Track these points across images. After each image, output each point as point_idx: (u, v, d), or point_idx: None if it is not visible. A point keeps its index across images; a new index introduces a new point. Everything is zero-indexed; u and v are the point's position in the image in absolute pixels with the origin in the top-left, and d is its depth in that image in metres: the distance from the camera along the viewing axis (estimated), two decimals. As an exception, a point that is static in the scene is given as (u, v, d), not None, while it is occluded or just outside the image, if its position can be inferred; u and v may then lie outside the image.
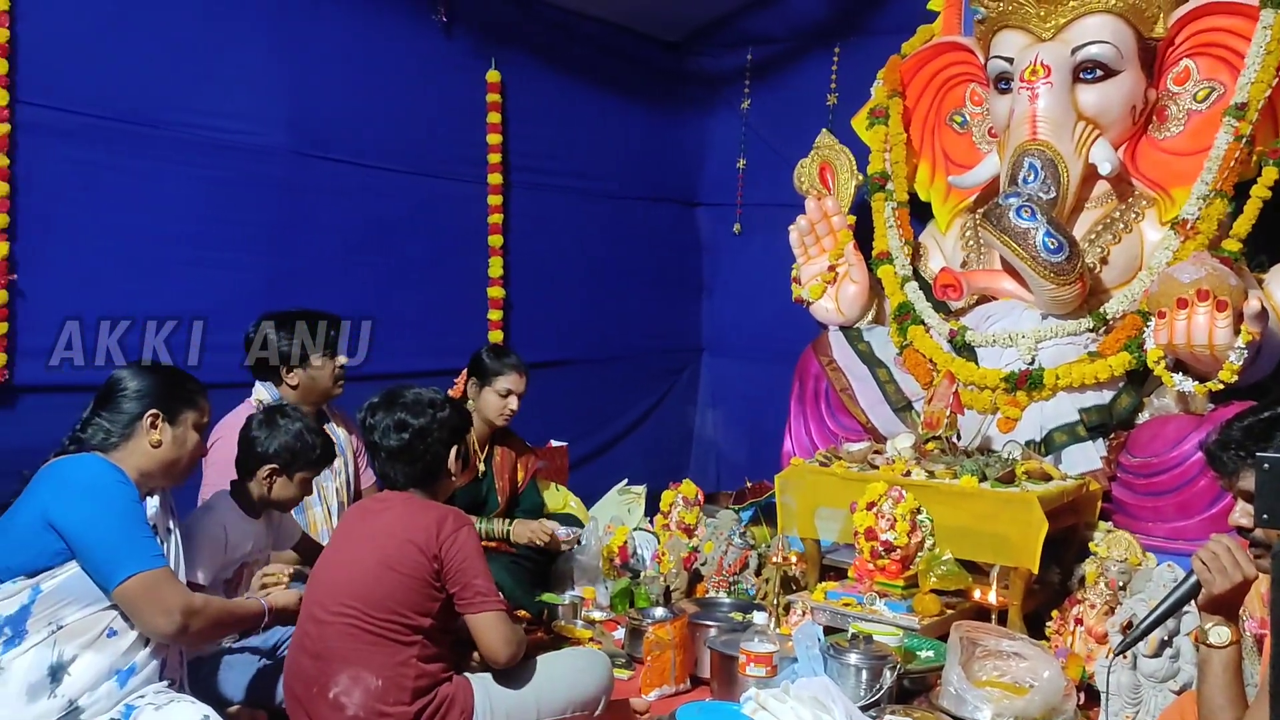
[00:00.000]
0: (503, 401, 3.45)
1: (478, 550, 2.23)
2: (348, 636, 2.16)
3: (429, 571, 2.17)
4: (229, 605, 2.16)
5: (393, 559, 2.17)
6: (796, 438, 4.09)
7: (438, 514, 2.24)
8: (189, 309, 3.41)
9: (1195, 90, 3.69)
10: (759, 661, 2.58)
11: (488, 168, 4.38)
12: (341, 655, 2.16)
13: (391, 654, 2.15)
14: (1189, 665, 2.56)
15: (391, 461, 2.31)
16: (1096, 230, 3.75)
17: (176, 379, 2.18)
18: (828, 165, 4.48)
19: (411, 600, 2.17)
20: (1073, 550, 3.26)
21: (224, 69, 3.50)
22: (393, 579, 2.16)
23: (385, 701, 2.13)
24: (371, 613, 2.15)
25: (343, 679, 2.14)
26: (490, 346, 3.62)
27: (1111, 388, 3.52)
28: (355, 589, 2.17)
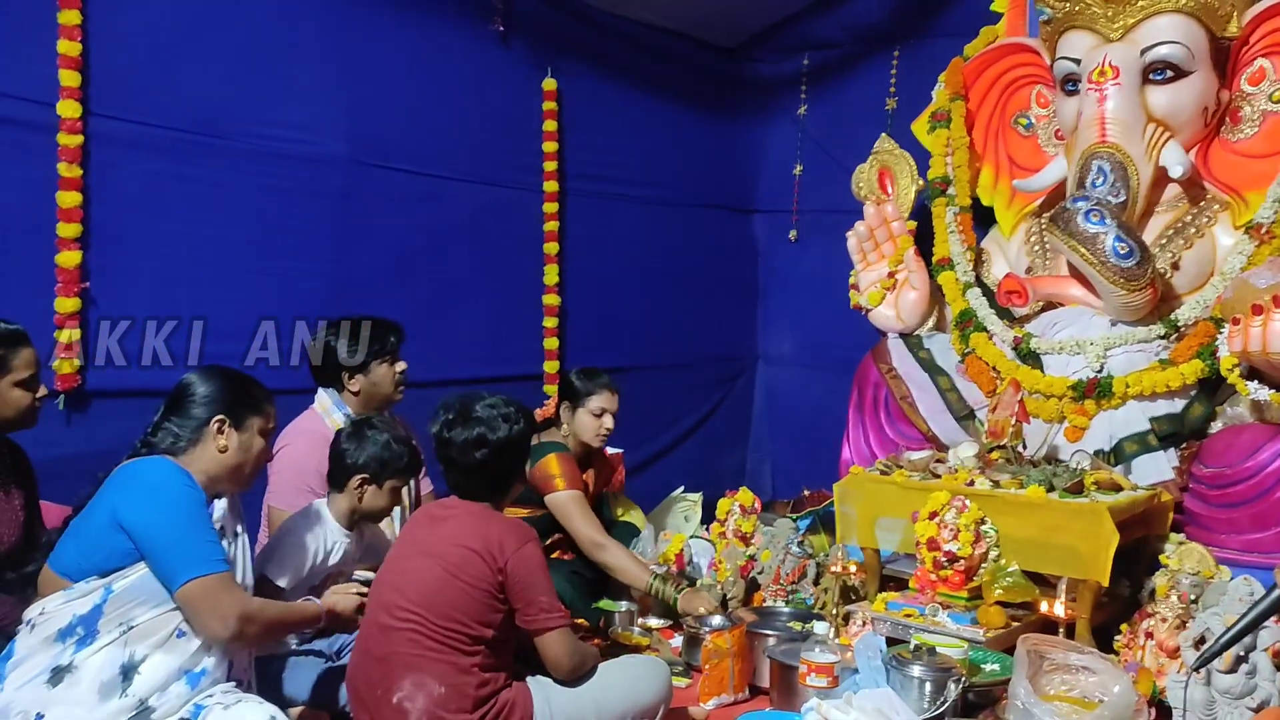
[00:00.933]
0: (598, 421, 3.45)
1: (542, 565, 2.25)
2: (411, 642, 2.18)
3: (493, 584, 2.19)
4: (285, 609, 2.20)
5: (457, 569, 2.19)
6: (855, 446, 4.03)
7: (503, 526, 2.26)
8: (252, 316, 3.47)
9: (1271, 90, 3.58)
10: (820, 672, 2.55)
11: (544, 175, 4.41)
12: (405, 661, 2.18)
13: (454, 661, 2.17)
14: (1266, 682, 2.47)
15: (467, 476, 2.33)
16: (1168, 235, 3.66)
17: (244, 385, 2.22)
18: (887, 170, 4.42)
19: (475, 610, 2.18)
20: (1143, 563, 3.17)
21: (286, 81, 3.56)
22: (457, 589, 2.18)
23: (447, 709, 2.14)
24: (436, 621, 2.17)
25: (406, 684, 2.16)
26: (579, 370, 3.60)
27: (1183, 396, 3.42)
28: (420, 596, 2.19)
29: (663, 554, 3.63)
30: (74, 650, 1.93)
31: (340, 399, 3.09)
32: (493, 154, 4.25)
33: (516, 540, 2.22)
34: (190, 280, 3.36)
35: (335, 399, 3.09)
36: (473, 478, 2.32)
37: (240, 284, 3.46)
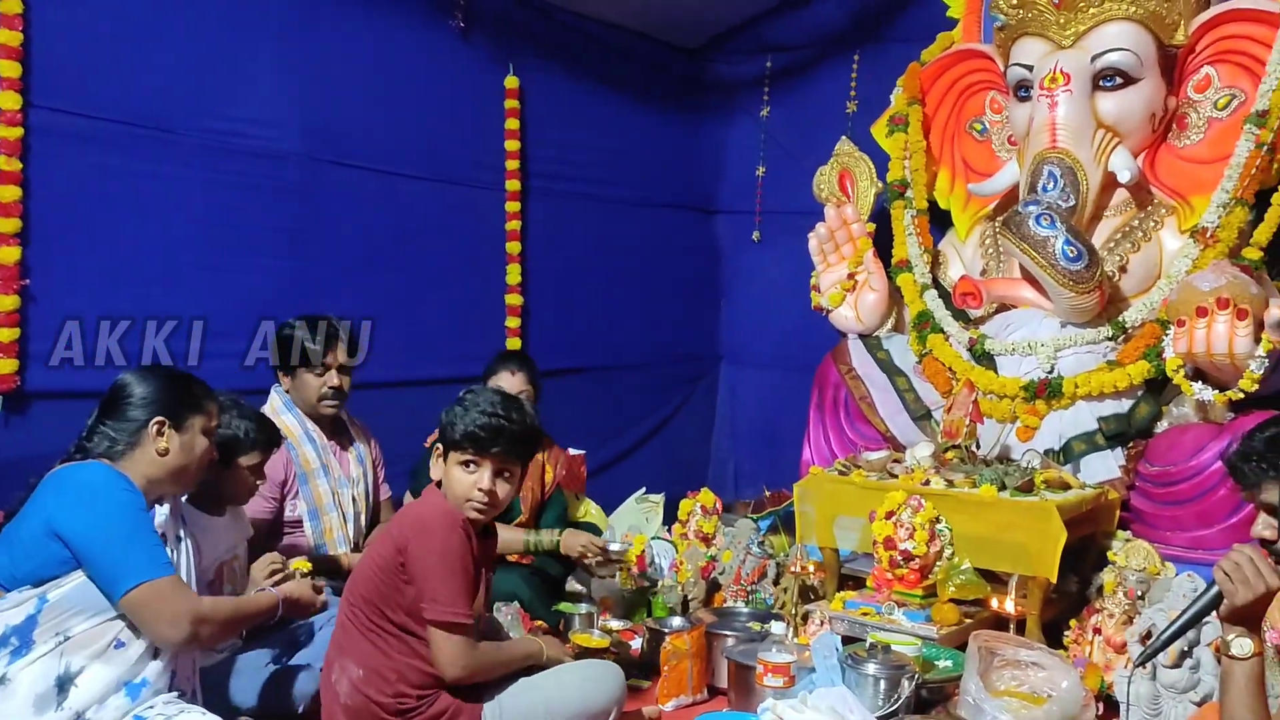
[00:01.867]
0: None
1: (445, 554, 2.16)
2: (342, 625, 2.25)
3: (395, 565, 2.18)
4: (240, 604, 2.15)
5: (374, 549, 2.25)
6: (815, 446, 4.08)
7: (422, 509, 2.26)
8: (201, 314, 3.42)
9: (1216, 98, 3.67)
10: (776, 672, 2.58)
11: (505, 174, 4.40)
12: (337, 642, 2.25)
13: (373, 648, 2.19)
14: (1209, 676, 2.54)
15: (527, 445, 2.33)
16: (1115, 238, 3.74)
17: (183, 384, 2.16)
18: (847, 173, 4.47)
19: (383, 592, 2.19)
20: (1091, 559, 3.24)
21: (237, 74, 3.52)
22: (369, 569, 2.22)
23: (368, 691, 2.17)
24: (356, 604, 2.22)
25: (335, 666, 2.22)
26: (500, 351, 3.63)
27: (1130, 396, 3.50)
28: (356, 580, 2.26)
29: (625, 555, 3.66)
30: (7, 661, 1.87)
31: (289, 398, 3.07)
32: (453, 151, 4.23)
33: (426, 523, 2.19)
34: (137, 278, 3.29)
35: (285, 399, 3.07)
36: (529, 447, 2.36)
37: (189, 282, 3.40)
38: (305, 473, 3.01)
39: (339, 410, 3.11)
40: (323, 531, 3.01)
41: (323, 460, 3.05)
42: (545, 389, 3.66)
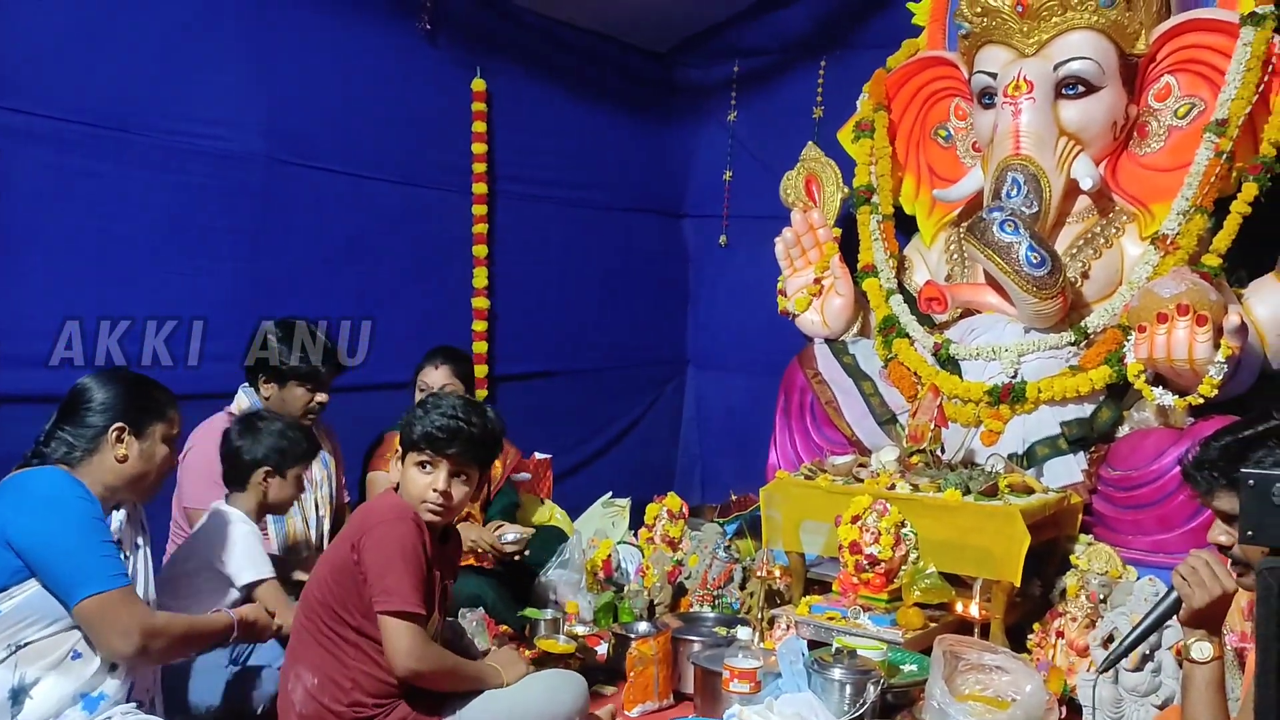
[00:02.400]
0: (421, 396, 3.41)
1: (400, 546, 2.14)
2: (297, 632, 2.21)
3: (350, 563, 2.15)
4: (194, 622, 2.13)
5: (332, 551, 2.21)
6: (782, 450, 4.09)
7: (375, 505, 2.25)
8: (164, 317, 3.37)
9: (1176, 106, 3.72)
10: (743, 677, 2.58)
11: (472, 177, 4.38)
12: (293, 652, 2.21)
13: (326, 654, 2.16)
14: (1170, 679, 2.57)
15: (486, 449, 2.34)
16: (1078, 245, 3.78)
17: (144, 389, 2.12)
18: (813, 178, 4.49)
19: (339, 596, 2.15)
20: (1054, 563, 3.27)
21: (200, 75, 3.47)
22: (323, 575, 2.19)
23: (323, 698, 2.13)
24: (312, 610, 2.18)
25: (290, 674, 2.18)
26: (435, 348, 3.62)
27: (1092, 401, 3.53)
28: (310, 585, 2.23)
29: (590, 559, 3.64)
30: None
31: (258, 403, 3.04)
32: (419, 154, 4.21)
33: (378, 517, 2.18)
34: (98, 280, 3.24)
35: (255, 401, 3.04)
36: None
37: (151, 285, 3.36)
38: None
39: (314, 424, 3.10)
40: (286, 535, 2.98)
41: None
42: (512, 393, 3.65)
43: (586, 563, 3.57)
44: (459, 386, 3.49)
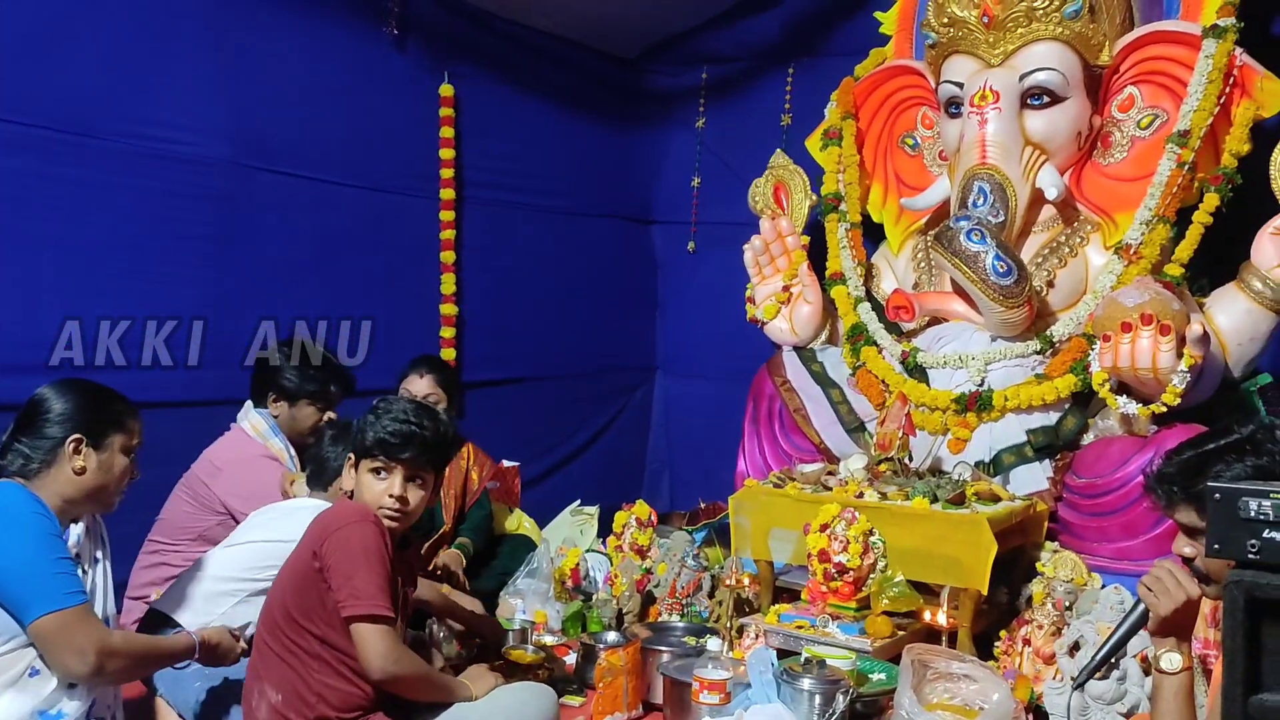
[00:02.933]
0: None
1: (364, 548, 2.10)
2: (259, 648, 2.16)
3: (312, 571, 2.10)
4: (153, 643, 2.10)
5: (292, 563, 2.16)
6: (750, 458, 4.09)
7: (335, 509, 2.21)
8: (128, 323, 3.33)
9: (1139, 117, 3.76)
10: (712, 689, 2.56)
11: (440, 183, 4.35)
12: (254, 667, 2.16)
13: (290, 669, 2.11)
14: (1136, 687, 2.59)
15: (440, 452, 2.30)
16: (1043, 254, 3.81)
17: (103, 399, 2.08)
18: (782, 185, 4.50)
19: (302, 607, 2.11)
20: (1020, 571, 3.29)
21: (163, 78, 3.43)
22: (287, 584, 2.14)
23: (289, 714, 2.09)
24: (273, 624, 2.13)
25: (254, 691, 2.14)
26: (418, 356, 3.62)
27: (1058, 409, 3.56)
28: (270, 601, 2.18)
29: (559, 568, 3.62)
30: None
31: (274, 423, 3.05)
32: (386, 159, 4.18)
33: (339, 522, 2.13)
34: (59, 286, 3.20)
35: (271, 423, 3.05)
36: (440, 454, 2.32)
37: (113, 290, 3.32)
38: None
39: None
40: None
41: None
42: (480, 400, 3.64)
43: (554, 571, 3.55)
44: (442, 396, 3.48)
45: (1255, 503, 1.44)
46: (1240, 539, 1.45)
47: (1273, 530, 1.42)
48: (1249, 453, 1.76)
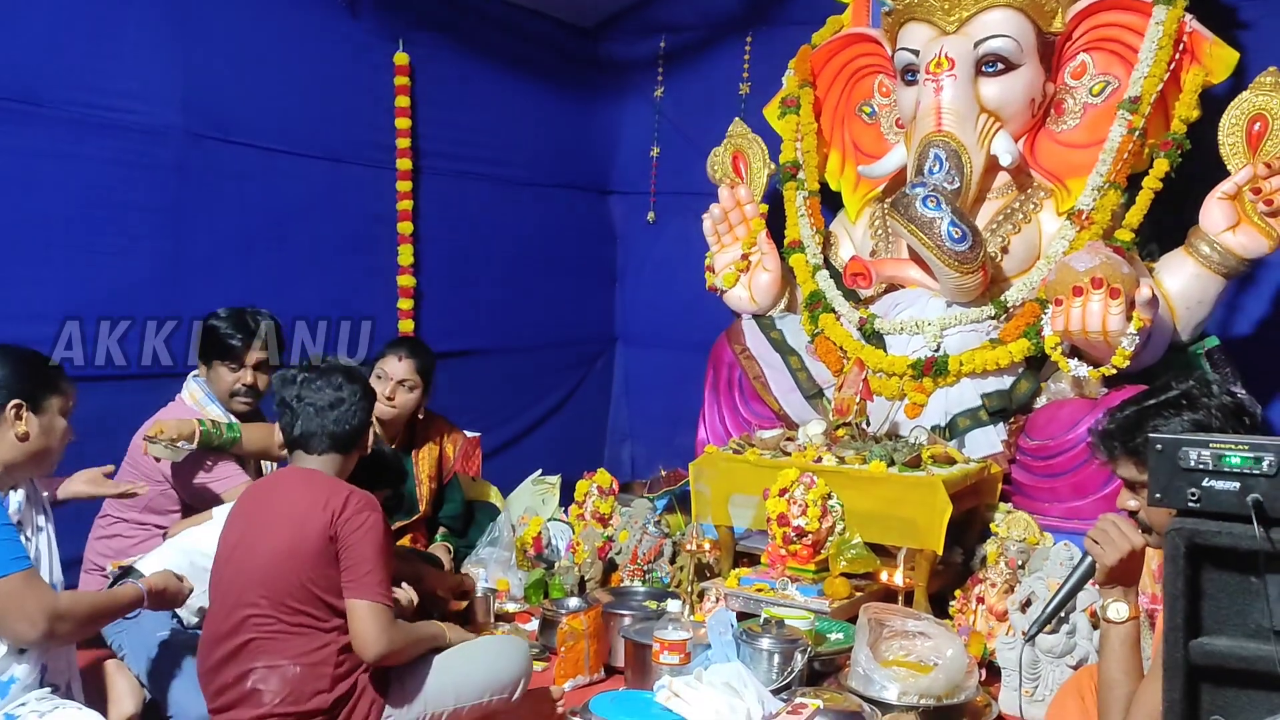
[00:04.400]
0: (379, 386, 3.36)
1: (378, 537, 2.16)
2: (261, 625, 2.12)
3: (326, 541, 2.11)
4: (100, 599, 2.08)
5: (299, 542, 2.12)
6: (711, 426, 4.11)
7: (342, 491, 2.18)
8: (77, 299, 3.27)
9: (1091, 84, 3.81)
10: (672, 649, 2.60)
11: (396, 153, 4.30)
12: (257, 645, 2.12)
13: (309, 641, 2.11)
14: (1084, 641, 2.66)
15: (319, 417, 2.25)
16: (997, 220, 3.85)
17: (36, 364, 2.09)
18: (740, 154, 4.50)
19: (323, 577, 2.11)
20: (975, 531, 3.35)
21: (112, 45, 3.36)
22: (301, 563, 2.11)
23: (304, 689, 2.09)
24: (285, 601, 2.11)
25: (260, 668, 2.10)
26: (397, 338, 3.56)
27: (1011, 373, 3.62)
28: (265, 578, 2.12)
29: (520, 537, 3.63)
30: None
31: (210, 390, 2.98)
32: (341, 129, 4.12)
33: (356, 504, 2.15)
34: (6, 260, 3.13)
35: (207, 391, 2.98)
36: (325, 421, 2.25)
37: (62, 263, 3.25)
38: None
39: (251, 407, 3.02)
40: None
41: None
42: (439, 371, 3.61)
43: (516, 540, 3.57)
44: (419, 383, 3.45)
45: (1195, 453, 1.48)
46: (1181, 488, 1.49)
47: (1212, 479, 1.47)
48: (1185, 408, 1.80)
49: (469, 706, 2.27)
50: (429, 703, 2.22)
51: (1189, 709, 1.46)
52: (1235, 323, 3.87)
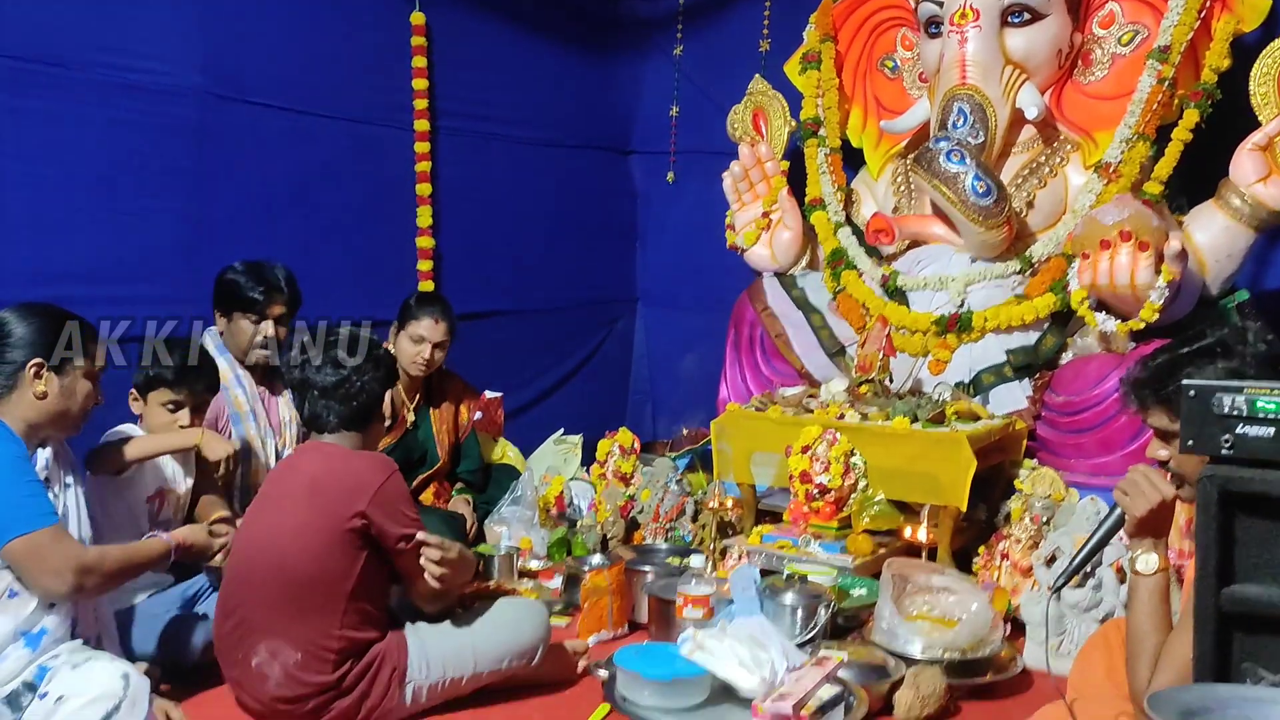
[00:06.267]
0: (415, 349, 3.41)
1: (406, 496, 2.19)
2: (265, 603, 2.11)
3: (352, 529, 2.10)
4: (128, 552, 2.08)
5: (311, 517, 2.11)
6: (732, 384, 4.10)
7: (361, 465, 2.18)
8: (102, 259, 3.28)
9: (1120, 34, 3.73)
10: (696, 604, 2.60)
11: (414, 114, 4.27)
12: (260, 623, 2.12)
13: (312, 624, 2.10)
14: (1110, 595, 2.65)
15: (325, 398, 2.24)
16: (1023, 174, 3.80)
17: (60, 323, 2.06)
18: (761, 111, 4.45)
19: (333, 563, 2.10)
20: (999, 488, 3.33)
21: (133, 6, 3.34)
22: (311, 544, 2.10)
23: (306, 673, 2.09)
24: (290, 579, 2.10)
25: (262, 650, 2.11)
26: (419, 293, 3.56)
27: (1037, 329, 3.58)
28: (275, 555, 2.12)
29: (543, 496, 3.64)
30: None
31: (221, 342, 2.99)
32: (359, 90, 4.09)
33: (378, 476, 2.15)
34: (30, 223, 3.14)
35: (217, 341, 3.00)
36: (331, 399, 2.24)
37: (87, 226, 3.26)
38: (238, 414, 2.96)
39: (270, 361, 3.02)
40: (251, 473, 2.96)
41: (251, 406, 3.00)
42: (461, 332, 3.62)
43: (539, 499, 3.57)
44: (448, 341, 3.48)
45: (1229, 399, 1.46)
46: (1214, 435, 1.47)
47: (1246, 425, 1.44)
48: (1220, 355, 1.77)
49: (488, 671, 2.29)
50: (448, 667, 2.24)
51: (1220, 657, 1.45)
52: (1266, 276, 3.80)
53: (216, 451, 2.56)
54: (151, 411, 2.62)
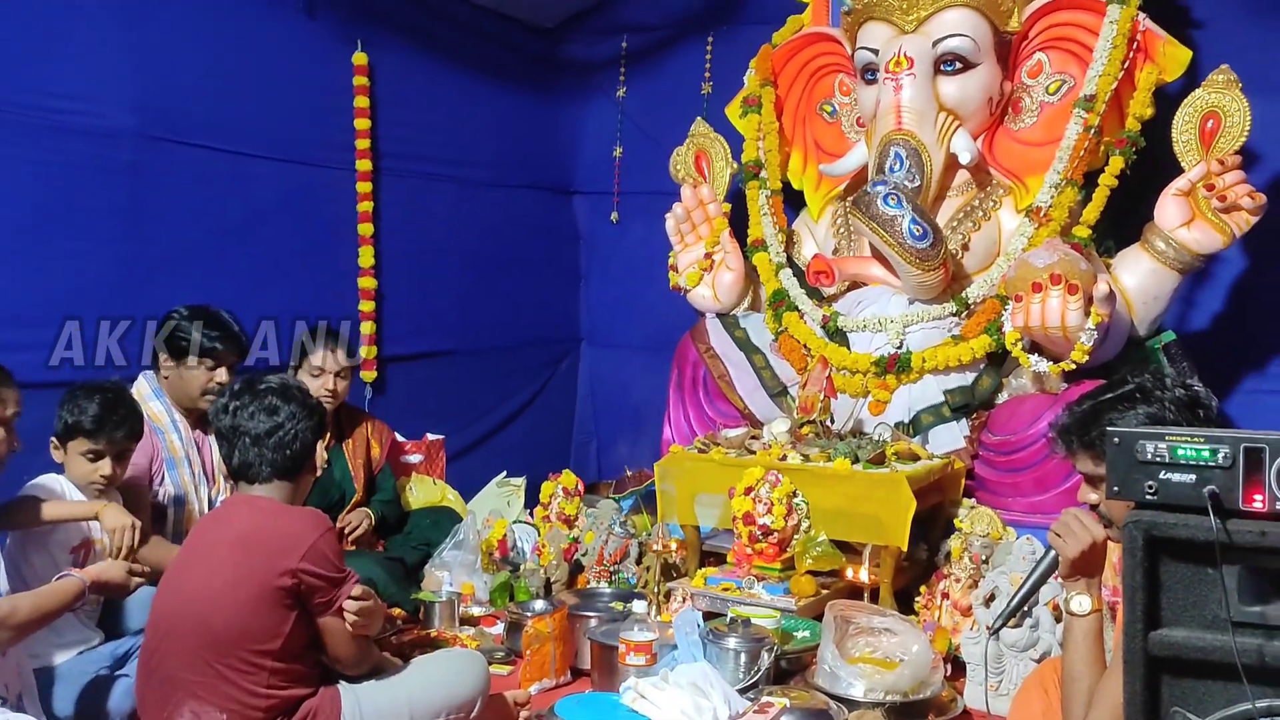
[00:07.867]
0: (317, 383, 3.42)
1: (339, 553, 2.14)
2: (189, 664, 2.04)
3: (281, 587, 2.04)
4: (39, 598, 2.01)
5: (241, 578, 2.04)
6: (676, 425, 4.11)
7: (294, 520, 2.13)
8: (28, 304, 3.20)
9: (1047, 83, 3.84)
10: (638, 650, 2.59)
11: (356, 154, 4.25)
12: (184, 684, 2.04)
13: (237, 683, 2.03)
14: (1047, 634, 2.68)
15: (257, 446, 2.16)
16: (958, 218, 3.88)
17: None
18: (703, 153, 4.50)
19: (259, 623, 2.04)
20: (939, 527, 3.37)
21: (64, 45, 3.28)
22: (237, 603, 2.03)
23: None
24: (215, 639, 2.02)
25: (187, 712, 2.02)
26: (311, 328, 3.57)
27: (973, 369, 3.65)
28: (200, 611, 2.04)
29: (486, 540, 3.60)
30: None
31: (159, 386, 2.96)
32: (300, 130, 4.06)
33: (310, 533, 2.09)
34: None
35: (154, 385, 2.97)
36: (263, 448, 2.16)
37: (13, 269, 3.18)
38: (173, 459, 2.94)
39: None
40: (184, 519, 2.91)
41: (185, 451, 2.98)
42: (402, 373, 3.60)
43: (482, 543, 3.54)
44: (349, 369, 3.46)
45: (1151, 445, 1.49)
46: (1138, 481, 1.50)
47: (1168, 471, 1.48)
48: (1140, 401, 1.82)
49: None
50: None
51: (1150, 700, 1.47)
52: (1191, 317, 3.93)
53: (113, 522, 2.39)
54: (72, 461, 2.53)
